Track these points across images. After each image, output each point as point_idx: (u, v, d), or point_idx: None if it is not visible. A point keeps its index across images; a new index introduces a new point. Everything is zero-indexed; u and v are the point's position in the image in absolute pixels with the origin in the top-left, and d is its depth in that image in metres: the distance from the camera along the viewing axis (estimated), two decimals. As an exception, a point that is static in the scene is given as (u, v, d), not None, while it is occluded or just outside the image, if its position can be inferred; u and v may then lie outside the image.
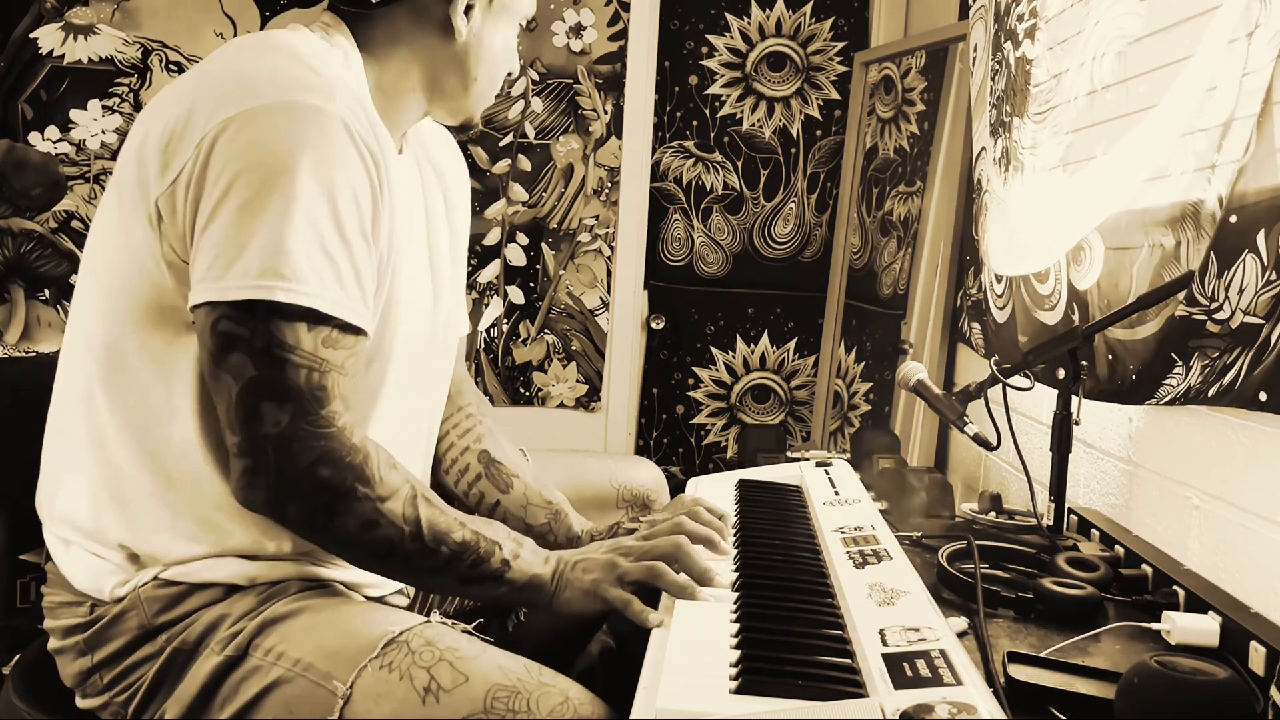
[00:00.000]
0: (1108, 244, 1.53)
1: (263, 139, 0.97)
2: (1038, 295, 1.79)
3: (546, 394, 2.87)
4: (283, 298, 0.96)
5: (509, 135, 2.79)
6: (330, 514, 1.00)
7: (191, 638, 1.04)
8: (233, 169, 0.97)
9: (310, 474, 0.98)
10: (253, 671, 1.01)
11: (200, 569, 1.07)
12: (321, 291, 0.98)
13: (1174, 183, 1.36)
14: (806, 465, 1.57)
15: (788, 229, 2.97)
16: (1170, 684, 0.84)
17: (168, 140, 1.00)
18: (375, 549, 1.02)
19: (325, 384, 0.99)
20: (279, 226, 0.95)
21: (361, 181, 1.02)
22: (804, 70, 2.92)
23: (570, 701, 0.94)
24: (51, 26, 2.58)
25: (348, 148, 1.01)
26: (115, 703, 1.07)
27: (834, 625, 0.94)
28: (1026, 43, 1.85)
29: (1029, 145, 1.82)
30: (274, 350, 0.97)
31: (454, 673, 0.96)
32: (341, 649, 0.99)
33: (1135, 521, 1.48)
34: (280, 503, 0.99)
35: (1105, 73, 1.57)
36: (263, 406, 0.97)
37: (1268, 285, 1.14)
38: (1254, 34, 1.20)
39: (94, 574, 1.08)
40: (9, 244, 2.60)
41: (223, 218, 0.96)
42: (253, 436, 0.97)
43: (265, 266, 0.95)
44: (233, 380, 0.97)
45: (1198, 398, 1.26)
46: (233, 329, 0.97)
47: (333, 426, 0.99)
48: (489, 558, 1.06)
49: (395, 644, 0.98)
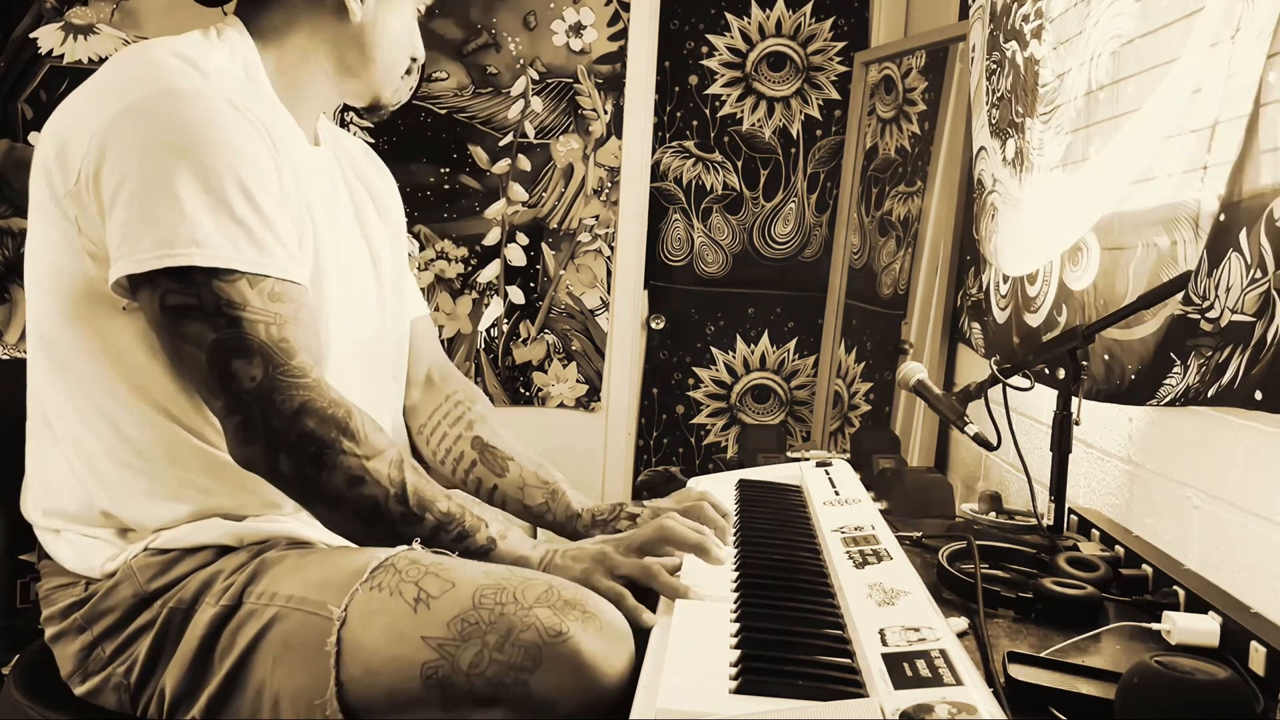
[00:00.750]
0: (1103, 244, 1.53)
1: (150, 124, 1.02)
2: (1027, 296, 1.79)
3: (546, 394, 2.87)
4: (198, 260, 1.00)
5: (509, 135, 2.79)
6: (319, 466, 1.03)
7: (187, 596, 1.07)
8: (128, 156, 1.02)
9: (295, 423, 1.02)
10: (248, 616, 1.03)
11: (188, 533, 1.09)
12: (234, 254, 1.01)
13: (1161, 184, 1.36)
14: (806, 465, 1.57)
15: (788, 229, 2.97)
16: (1170, 684, 0.83)
17: (63, 146, 1.06)
18: (361, 507, 1.05)
19: (285, 335, 1.03)
20: (179, 203, 1.00)
21: (255, 147, 1.06)
22: (804, 70, 2.92)
23: (554, 588, 0.98)
24: (51, 26, 2.58)
25: (233, 118, 1.05)
26: (117, 674, 1.08)
27: (834, 625, 0.94)
28: (1034, 43, 1.85)
29: (1037, 146, 1.82)
30: (225, 310, 1.01)
31: (440, 581, 1.00)
32: (330, 580, 1.03)
33: (1135, 521, 1.48)
34: (273, 456, 1.03)
35: (1100, 73, 1.57)
36: (234, 364, 1.01)
37: (1253, 283, 1.14)
38: (1237, 35, 1.20)
39: (84, 554, 1.10)
40: (9, 244, 2.60)
41: (125, 201, 1.01)
42: (234, 394, 1.02)
43: (173, 237, 1.00)
44: (196, 349, 1.01)
45: (1196, 398, 1.26)
46: (181, 300, 1.01)
47: (307, 377, 1.03)
48: (474, 532, 1.08)
49: (382, 568, 1.02)
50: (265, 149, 1.07)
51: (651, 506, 1.29)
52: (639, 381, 2.98)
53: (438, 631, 0.96)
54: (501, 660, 0.94)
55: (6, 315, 2.62)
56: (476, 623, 0.96)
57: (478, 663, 0.94)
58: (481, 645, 0.95)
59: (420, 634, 0.97)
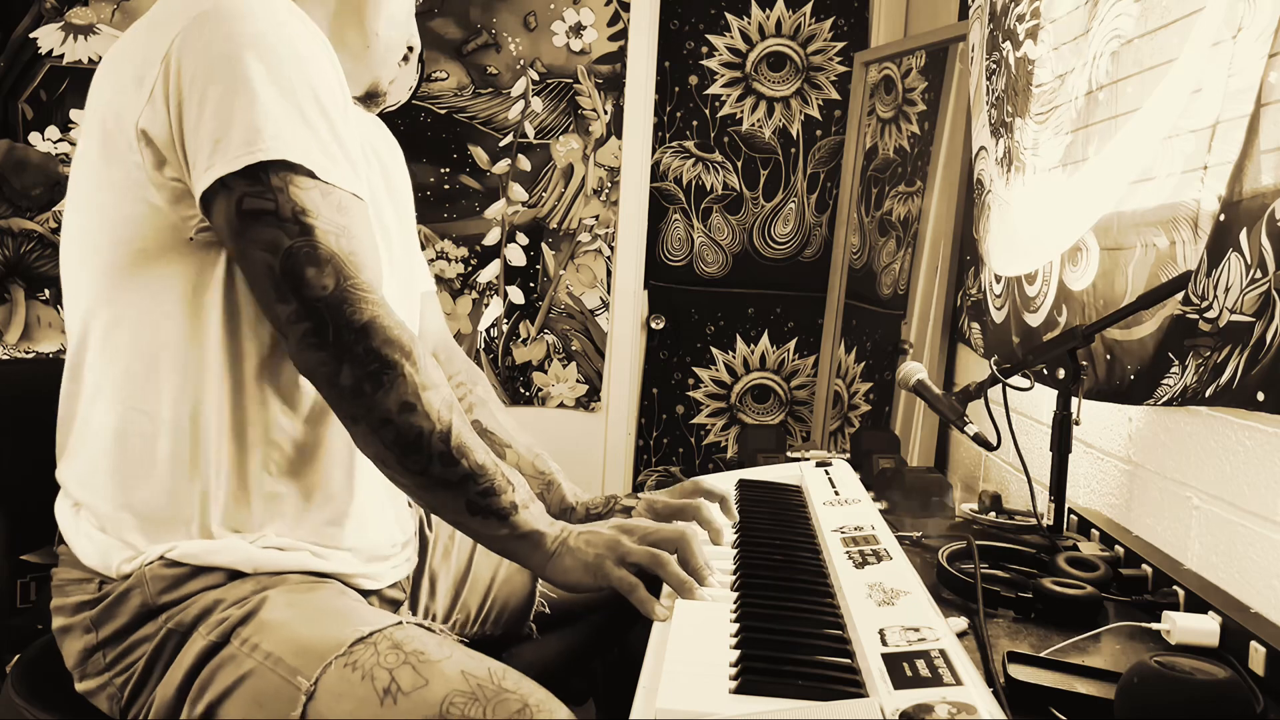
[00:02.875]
0: (1102, 244, 1.53)
1: (222, 33, 1.01)
2: (1026, 297, 1.79)
3: (546, 394, 2.87)
4: (285, 154, 0.99)
5: (509, 135, 2.79)
6: (377, 383, 1.01)
7: (187, 620, 1.05)
8: (203, 66, 1.00)
9: (364, 336, 1.01)
10: (229, 660, 1.02)
11: (205, 551, 1.07)
12: (310, 155, 1.01)
13: (1161, 184, 1.36)
14: (806, 465, 1.57)
15: (788, 229, 2.97)
16: (1170, 684, 0.84)
17: (134, 71, 1.03)
18: (405, 435, 1.03)
19: (354, 249, 1.02)
20: (259, 100, 0.99)
21: (328, 71, 1.06)
22: (804, 70, 2.92)
23: (528, 708, 0.94)
24: (51, 26, 2.58)
25: (306, 33, 1.05)
26: (114, 684, 1.07)
27: (834, 625, 0.94)
28: (1028, 43, 1.84)
29: (1030, 146, 1.82)
30: (300, 218, 1.00)
31: (415, 676, 0.96)
32: (311, 645, 1.00)
33: (1135, 521, 1.48)
34: (336, 365, 1.01)
35: (1100, 73, 1.57)
36: (307, 272, 1.00)
37: (1253, 283, 1.14)
38: (1238, 36, 1.20)
39: (102, 551, 1.09)
40: (9, 244, 2.60)
41: (208, 110, 1.00)
42: (306, 301, 1.00)
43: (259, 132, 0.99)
44: (270, 254, 1.00)
45: (1194, 397, 1.26)
46: (257, 205, 1.00)
47: (375, 293, 1.02)
48: (501, 492, 1.07)
49: (363, 643, 0.99)
50: (336, 74, 1.07)
51: (646, 499, 1.28)
52: (639, 381, 2.98)
53: None
54: None
55: (6, 315, 2.62)
56: None
57: None
58: None
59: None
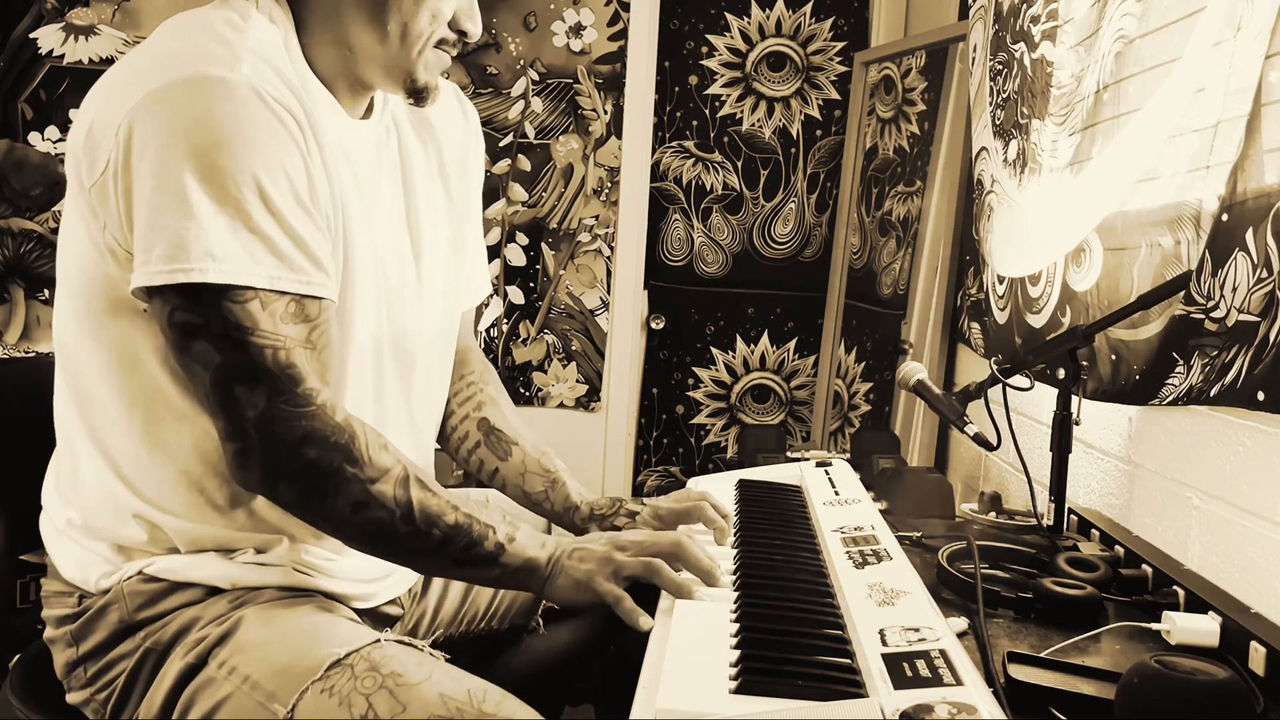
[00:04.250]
0: (1106, 245, 1.53)
1: (169, 116, 0.95)
2: (1029, 298, 1.79)
3: (546, 394, 2.87)
4: (213, 277, 0.94)
5: (509, 135, 2.79)
6: (321, 494, 1.00)
7: (165, 638, 1.04)
8: (146, 153, 0.95)
9: (297, 454, 0.98)
10: (207, 683, 1.00)
11: (182, 566, 1.07)
12: (252, 267, 0.96)
13: (1165, 184, 1.36)
14: (806, 465, 1.57)
15: (788, 229, 2.97)
16: (1170, 684, 0.83)
17: (93, 130, 1.00)
18: (366, 530, 1.02)
19: (294, 360, 0.98)
20: (193, 212, 0.94)
21: (282, 146, 0.99)
22: (804, 70, 2.92)
23: None
24: (52, 27, 2.58)
25: (260, 114, 0.98)
26: (96, 700, 1.07)
27: (834, 625, 0.93)
28: (1046, 44, 1.84)
29: (1048, 147, 1.81)
30: (232, 334, 0.96)
31: (392, 702, 0.94)
32: (288, 668, 0.98)
33: (1135, 521, 1.48)
34: (272, 483, 1.00)
35: (1105, 73, 1.57)
36: (236, 390, 0.97)
37: (1259, 283, 1.14)
38: (1237, 35, 1.20)
39: (82, 565, 1.09)
40: (9, 244, 2.60)
41: (146, 203, 0.95)
42: (235, 420, 0.98)
43: (186, 250, 0.94)
44: (202, 369, 0.97)
45: (1199, 397, 1.26)
46: (188, 318, 0.96)
47: (312, 405, 0.99)
48: (482, 540, 1.05)
49: (340, 666, 0.97)
50: (293, 146, 1.00)
51: (651, 504, 1.28)
52: (639, 381, 2.98)
53: None
54: None
55: (6, 315, 2.62)
56: None
57: None
58: None
59: None
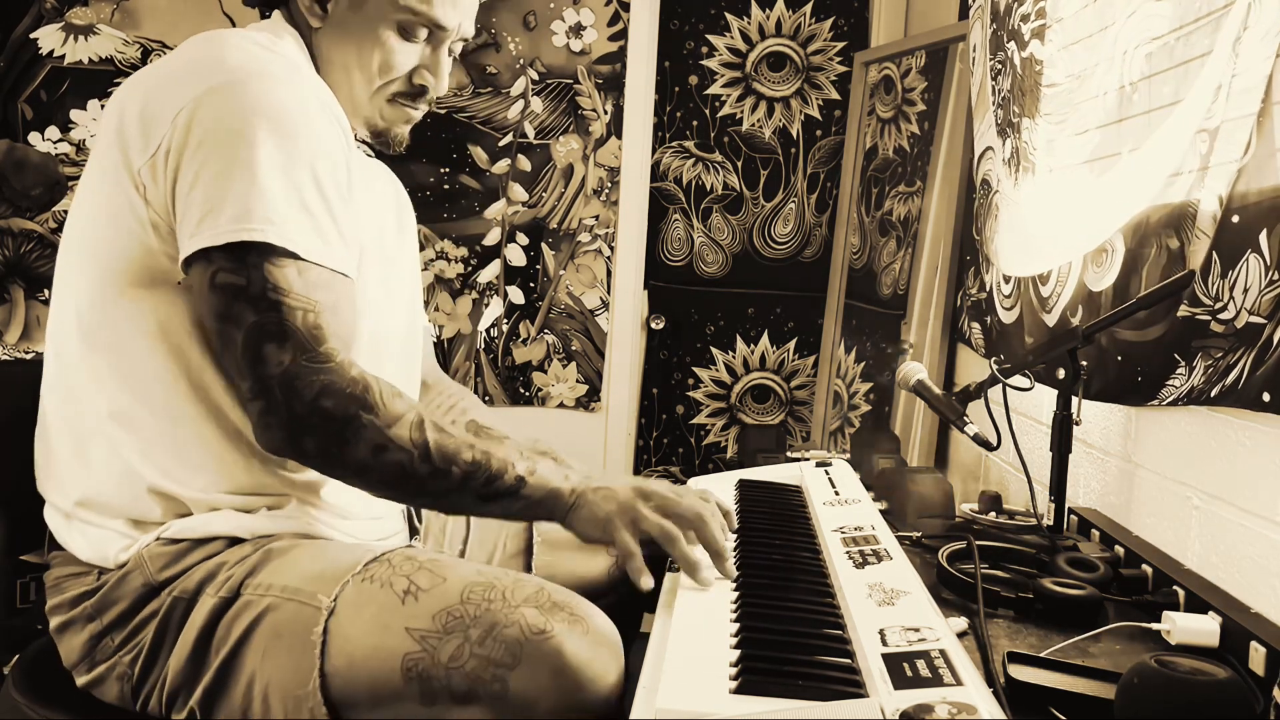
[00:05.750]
0: (1128, 245, 1.52)
1: (236, 107, 1.04)
2: (1041, 297, 1.79)
3: (546, 394, 2.87)
4: (272, 238, 1.02)
5: (509, 135, 2.79)
6: (342, 442, 1.04)
7: (190, 586, 1.07)
8: (211, 136, 1.04)
9: (316, 406, 1.02)
10: (244, 608, 1.04)
11: (200, 524, 1.10)
12: (299, 238, 1.04)
13: (1180, 183, 1.36)
14: (806, 465, 1.57)
15: (788, 229, 2.97)
16: (1170, 684, 0.83)
17: (146, 115, 1.07)
18: (388, 473, 1.05)
19: (320, 323, 1.04)
20: (258, 181, 1.03)
21: (334, 144, 1.09)
22: (804, 70, 2.92)
23: (544, 590, 0.99)
24: (51, 26, 2.58)
25: (318, 113, 1.09)
26: (123, 663, 1.08)
27: (834, 625, 0.94)
28: (1035, 43, 1.84)
29: (1041, 146, 1.81)
30: (269, 294, 1.02)
31: (432, 576, 1.01)
32: (325, 572, 1.04)
33: (1135, 521, 1.48)
34: (296, 438, 1.04)
35: (1127, 71, 1.56)
36: (266, 348, 1.02)
37: (1271, 285, 1.14)
38: (1244, 35, 1.20)
39: (97, 544, 1.11)
40: (9, 244, 2.60)
41: (205, 179, 1.03)
42: (260, 378, 1.02)
43: (249, 212, 1.02)
44: (236, 329, 1.03)
45: (1200, 398, 1.26)
46: (230, 279, 1.02)
47: (331, 361, 1.04)
48: (502, 474, 1.09)
49: (378, 561, 1.04)
50: (341, 144, 1.10)
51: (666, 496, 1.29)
52: (639, 381, 2.98)
53: (422, 623, 0.97)
54: (481, 655, 0.94)
55: (6, 315, 2.62)
56: (461, 616, 0.96)
57: (457, 656, 0.95)
58: (463, 639, 0.95)
59: (405, 625, 0.97)
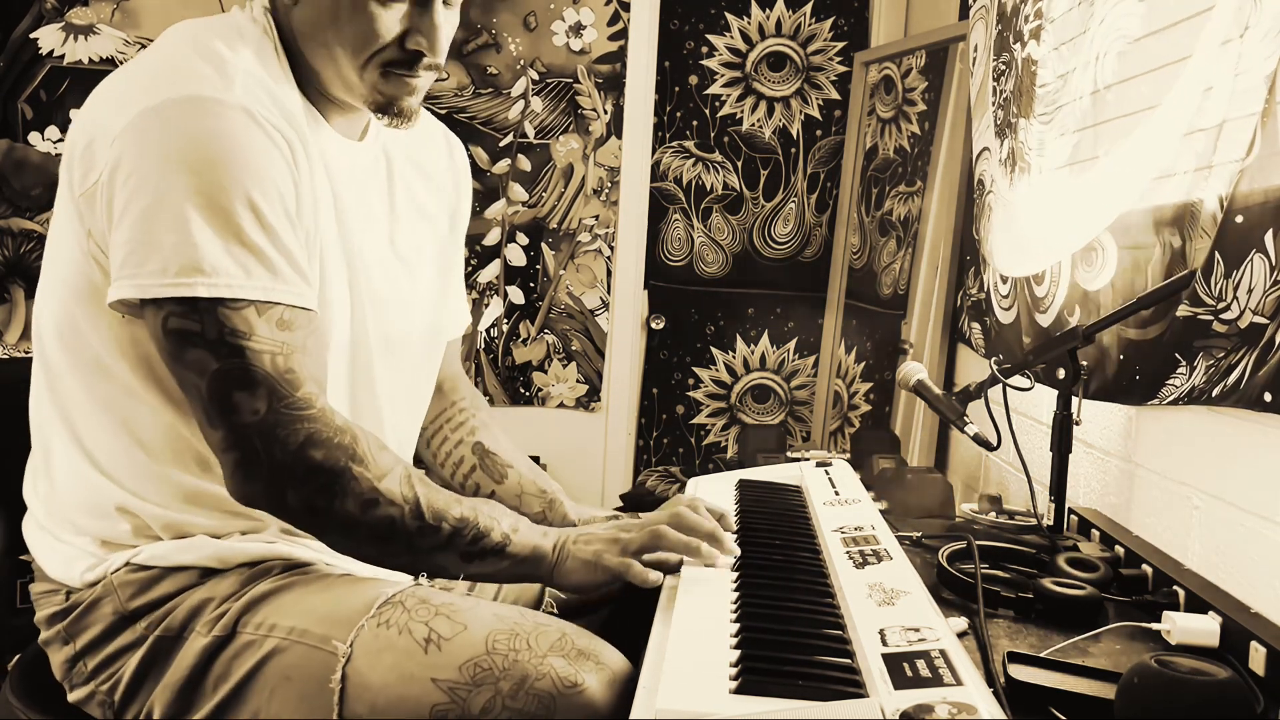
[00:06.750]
0: (1121, 244, 1.52)
1: (164, 134, 0.97)
2: (1036, 298, 1.79)
3: (546, 394, 2.87)
4: (203, 293, 0.95)
5: (508, 135, 2.79)
6: (330, 495, 0.99)
7: (176, 624, 1.04)
8: (140, 168, 0.97)
9: (301, 457, 0.97)
10: (245, 648, 1.01)
11: (171, 551, 1.07)
12: (244, 281, 0.97)
13: (1176, 183, 1.36)
14: (806, 465, 1.57)
15: (788, 229, 2.97)
16: (1170, 684, 0.83)
17: (89, 142, 1.01)
18: (377, 529, 1.01)
19: (293, 366, 0.98)
20: (189, 223, 0.95)
21: (273, 164, 1.01)
22: (804, 70, 2.92)
23: (567, 636, 0.97)
24: (52, 26, 2.58)
25: (252, 133, 1.00)
26: (100, 691, 1.07)
27: (834, 625, 0.93)
28: (1032, 44, 1.84)
29: (1035, 146, 1.81)
30: (229, 339, 0.96)
31: (452, 623, 0.98)
32: (335, 613, 1.00)
33: (1135, 521, 1.48)
34: (278, 491, 0.99)
35: (1106, 73, 1.57)
36: (235, 396, 0.96)
37: (1275, 285, 1.14)
38: (1245, 34, 1.20)
39: (65, 561, 1.09)
40: (9, 244, 2.60)
41: (132, 216, 0.96)
42: (234, 428, 0.97)
43: (181, 264, 0.95)
44: (197, 377, 0.97)
45: (1201, 398, 1.26)
46: (184, 324, 0.96)
47: (313, 408, 0.99)
48: (489, 532, 1.06)
49: (390, 604, 1.00)
50: (282, 163, 1.02)
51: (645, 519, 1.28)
52: (639, 381, 2.98)
53: (449, 675, 0.94)
54: (515, 708, 0.92)
55: (6, 315, 2.62)
56: (490, 669, 0.94)
57: (490, 708, 0.92)
58: (494, 692, 0.93)
59: (431, 675, 0.94)
